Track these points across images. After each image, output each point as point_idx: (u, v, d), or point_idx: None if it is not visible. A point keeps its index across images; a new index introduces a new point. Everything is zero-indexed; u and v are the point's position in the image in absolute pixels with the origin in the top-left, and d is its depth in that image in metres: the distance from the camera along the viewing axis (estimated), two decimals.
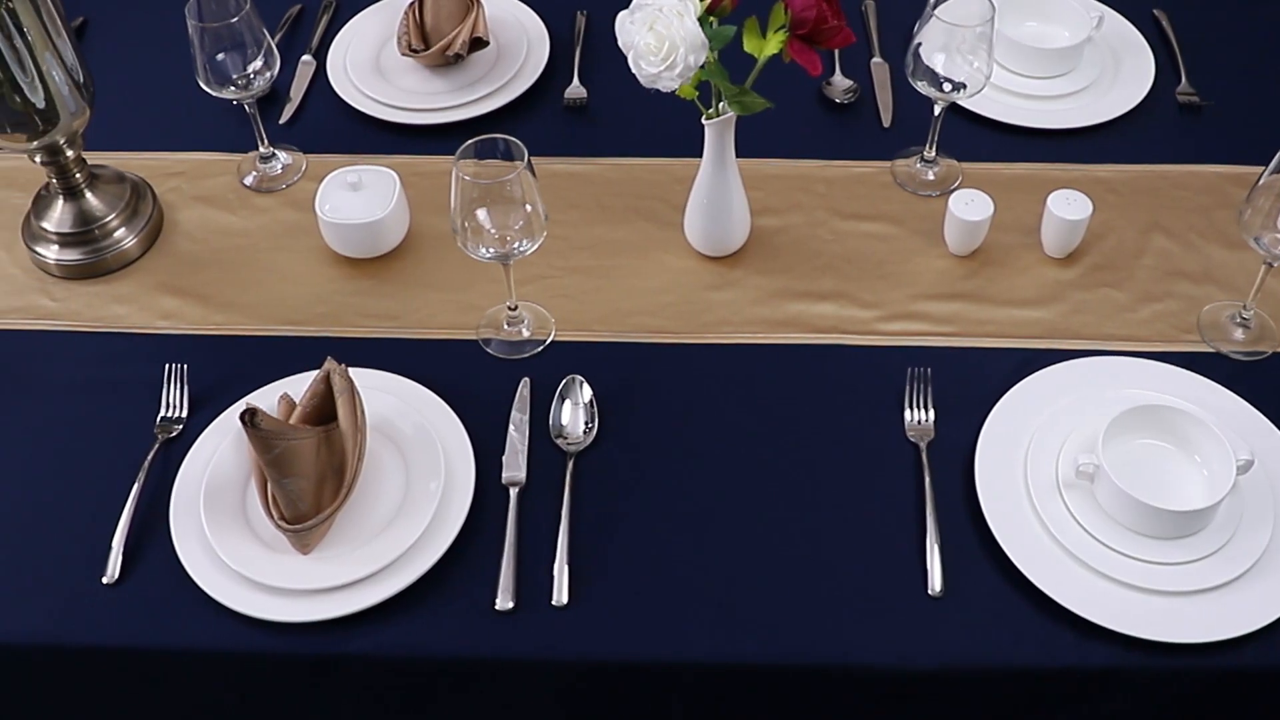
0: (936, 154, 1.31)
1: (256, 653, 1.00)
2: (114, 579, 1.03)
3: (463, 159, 1.05)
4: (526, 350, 1.18)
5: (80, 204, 1.26)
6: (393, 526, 1.04)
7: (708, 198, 1.20)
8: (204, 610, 1.02)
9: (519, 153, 1.05)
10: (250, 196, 1.33)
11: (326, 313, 1.22)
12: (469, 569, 1.03)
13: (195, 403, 1.15)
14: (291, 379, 1.14)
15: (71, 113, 1.17)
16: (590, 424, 1.11)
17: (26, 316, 1.23)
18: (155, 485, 1.09)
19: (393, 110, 1.38)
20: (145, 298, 1.24)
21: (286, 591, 1.01)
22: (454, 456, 1.08)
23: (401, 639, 1.00)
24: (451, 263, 1.25)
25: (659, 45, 0.98)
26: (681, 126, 1.36)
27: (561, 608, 1.01)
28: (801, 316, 1.19)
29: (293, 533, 1.01)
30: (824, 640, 0.99)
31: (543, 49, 1.43)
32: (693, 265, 1.24)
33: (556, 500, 1.07)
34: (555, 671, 1.00)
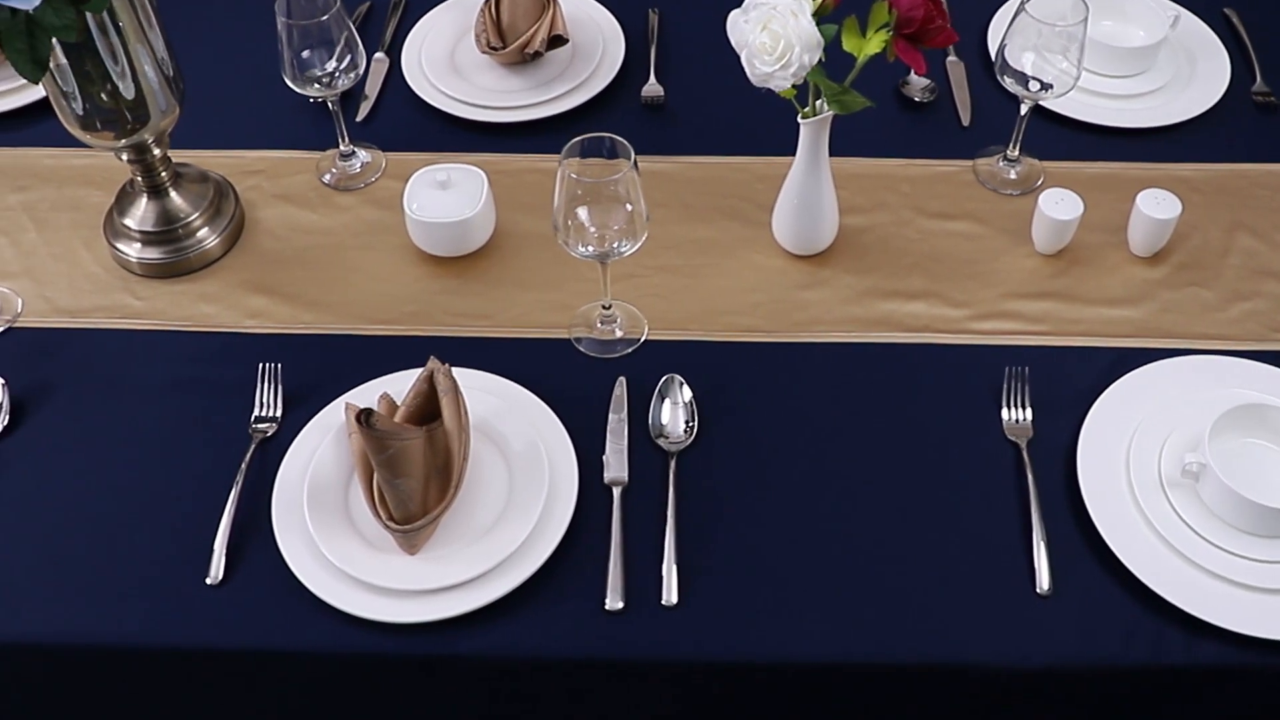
0: (1019, 153, 1.31)
1: (363, 653, 1.00)
2: (218, 580, 1.03)
3: (568, 157, 1.05)
4: (619, 349, 1.17)
5: (164, 202, 1.25)
6: (499, 527, 1.04)
7: (799, 197, 1.20)
8: (309, 611, 1.01)
9: (624, 152, 1.05)
10: (331, 195, 1.33)
11: (416, 312, 1.21)
12: (576, 569, 1.03)
13: (288, 402, 1.15)
14: (388, 378, 1.14)
15: (162, 110, 1.16)
16: (691, 423, 1.11)
17: (112, 315, 1.22)
18: (253, 485, 1.09)
19: (471, 108, 1.37)
20: (232, 296, 1.23)
21: (395, 592, 1.01)
22: (556, 456, 1.08)
23: (512, 640, 0.99)
24: (539, 261, 1.25)
25: (774, 44, 0.97)
26: (760, 124, 1.38)
27: (671, 607, 1.00)
28: (893, 315, 1.19)
29: (402, 533, 1.01)
30: (934, 639, 0.99)
31: (618, 47, 1.43)
32: (781, 264, 1.24)
33: (658, 500, 1.07)
34: (667, 671, 1.00)
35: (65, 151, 1.38)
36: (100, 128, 1.16)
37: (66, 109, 1.14)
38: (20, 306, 1.23)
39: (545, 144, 1.36)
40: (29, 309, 1.23)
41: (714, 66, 1.45)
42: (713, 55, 1.46)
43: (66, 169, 1.36)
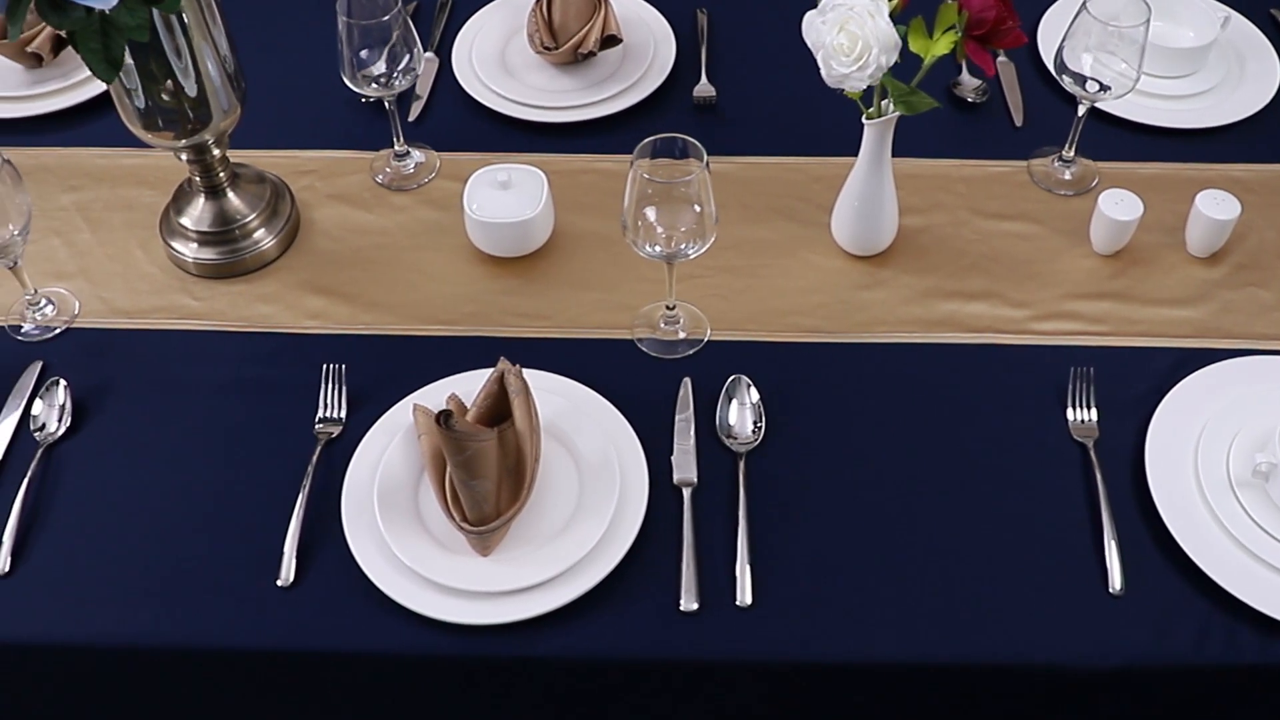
0: (1075, 154, 1.32)
1: (437, 656, 1.00)
2: (289, 582, 1.03)
3: (640, 157, 1.05)
4: (682, 350, 1.17)
5: (221, 203, 1.25)
6: (571, 528, 1.04)
7: (860, 198, 1.20)
8: (381, 613, 1.01)
9: (696, 153, 1.05)
10: (386, 195, 1.32)
11: (476, 312, 1.21)
12: (648, 570, 1.03)
13: (351, 403, 1.14)
14: (453, 379, 1.13)
15: (224, 110, 1.15)
16: (759, 424, 1.11)
17: (170, 316, 1.22)
18: (319, 486, 1.08)
19: (524, 108, 1.37)
20: (290, 297, 1.23)
21: (469, 594, 1.00)
22: (626, 457, 1.08)
23: (588, 641, 0.99)
24: (598, 261, 1.25)
25: (851, 45, 0.97)
26: (812, 125, 1.38)
27: (746, 608, 1.01)
28: (954, 316, 1.19)
29: (476, 535, 1.01)
30: (1008, 639, 0.99)
31: (669, 47, 1.43)
32: (841, 265, 1.24)
33: (727, 500, 1.07)
34: (744, 672, 1.00)
35: (116, 151, 1.37)
36: (162, 127, 1.15)
37: (129, 108, 1.14)
38: (77, 307, 1.23)
39: (598, 144, 1.37)
40: (86, 309, 1.23)
41: (764, 67, 1.47)
42: (762, 56, 1.48)
43: (118, 169, 1.36)
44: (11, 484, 1.10)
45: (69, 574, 1.04)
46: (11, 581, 1.04)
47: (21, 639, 1.01)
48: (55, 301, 1.23)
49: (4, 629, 1.01)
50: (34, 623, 1.01)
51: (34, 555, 1.05)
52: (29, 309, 1.22)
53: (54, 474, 1.11)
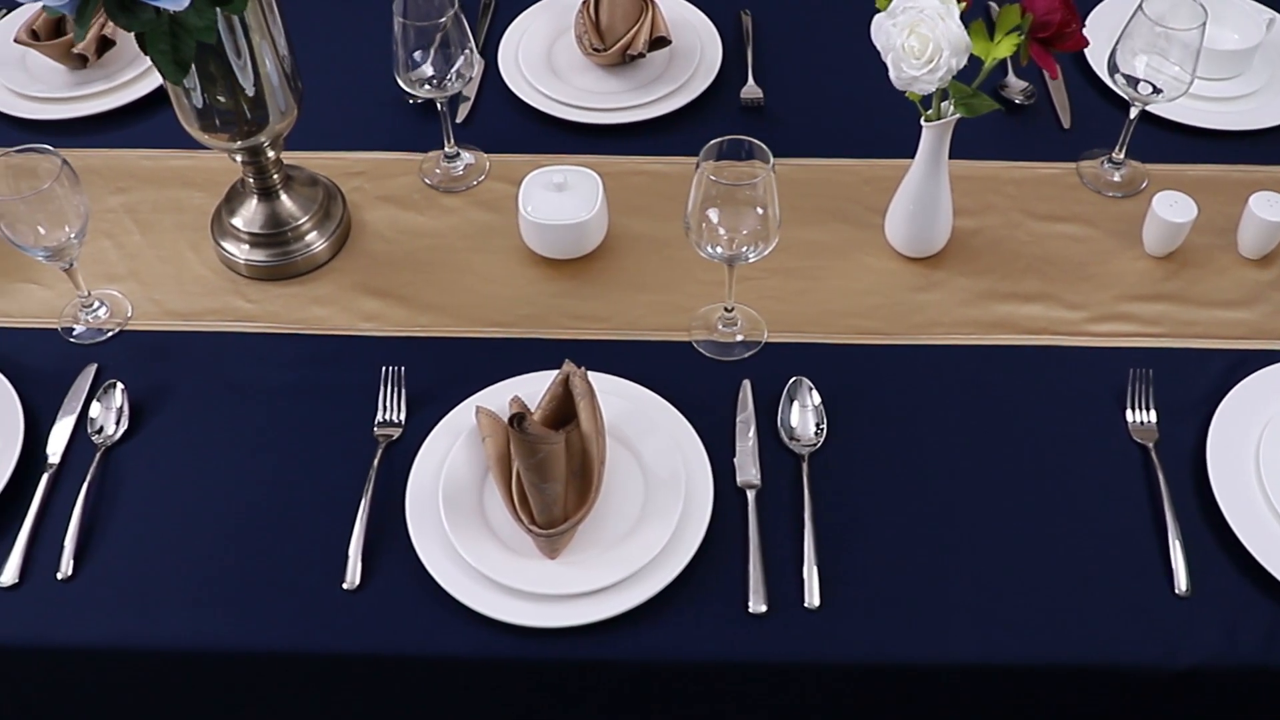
0: (1125, 156, 1.32)
1: (506, 659, 1.00)
2: (354, 585, 1.02)
3: (707, 159, 1.05)
4: (740, 352, 1.17)
5: (274, 205, 1.24)
6: (638, 531, 1.04)
7: (916, 200, 1.20)
8: (449, 616, 1.01)
9: (763, 156, 1.05)
10: (436, 196, 1.32)
11: (532, 314, 1.21)
12: (715, 573, 1.03)
13: (410, 405, 1.14)
14: (513, 381, 1.13)
15: (281, 111, 1.15)
16: (821, 426, 1.11)
17: (224, 318, 1.22)
18: (382, 489, 1.08)
19: (572, 110, 1.37)
20: (344, 299, 1.23)
21: (538, 596, 1.00)
22: (690, 459, 1.08)
23: (657, 644, 0.99)
24: (652, 263, 1.25)
25: (922, 48, 0.98)
26: (860, 127, 1.38)
27: (814, 610, 1.01)
28: (1010, 318, 1.20)
29: (545, 537, 1.00)
30: (1076, 640, 0.99)
31: (715, 48, 1.43)
32: (895, 266, 1.24)
33: (791, 502, 1.07)
34: (814, 674, 1.00)
35: (162, 152, 1.37)
36: (219, 128, 1.15)
37: (187, 108, 1.13)
38: (130, 309, 1.23)
39: (647, 146, 1.37)
40: (138, 311, 1.22)
41: (810, 68, 1.47)
42: (807, 57, 1.48)
43: (165, 170, 1.35)
44: (70, 487, 1.09)
45: (132, 578, 1.04)
46: (75, 585, 1.03)
47: (86, 643, 1.01)
48: (108, 303, 1.22)
49: (69, 633, 1.01)
50: (99, 627, 1.01)
51: (96, 559, 1.05)
52: (82, 311, 1.21)
53: (113, 477, 1.10)
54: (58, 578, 1.03)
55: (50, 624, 1.02)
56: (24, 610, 1.02)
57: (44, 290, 1.25)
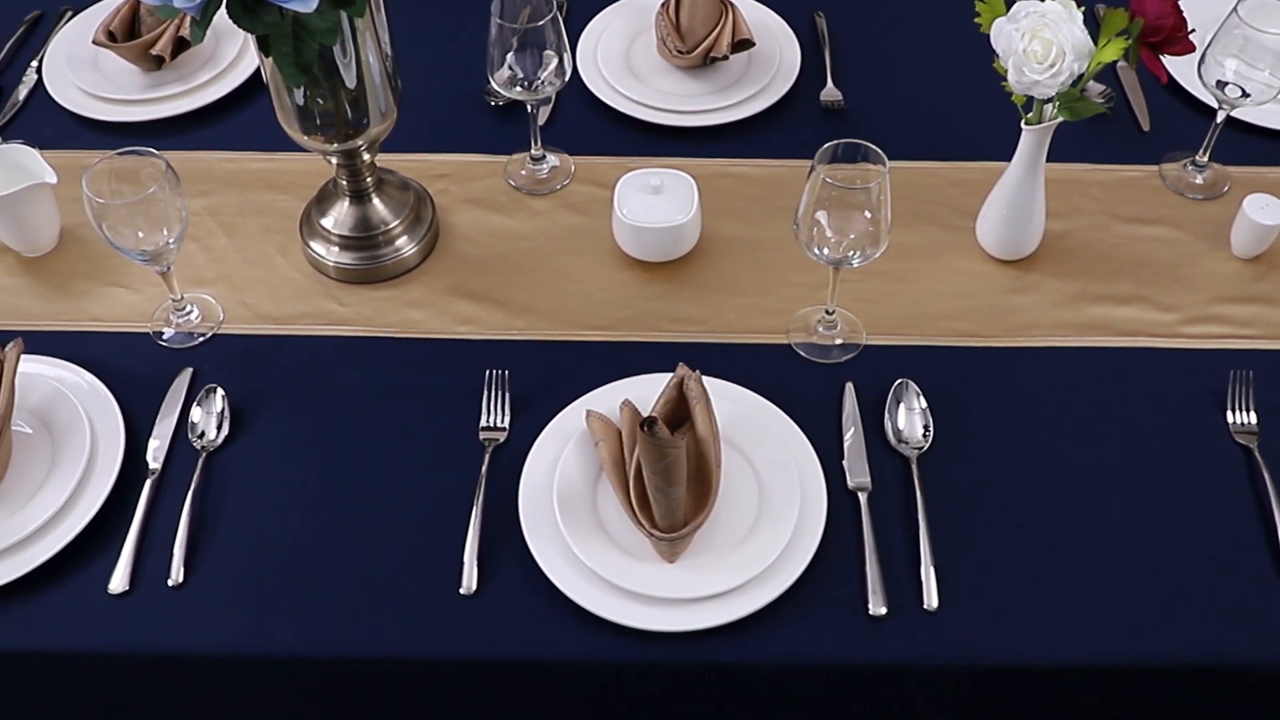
0: (1208, 159, 1.33)
1: (627, 663, 0.99)
2: (471, 590, 1.02)
3: (822, 161, 1.05)
4: (839, 354, 1.17)
5: (365, 209, 1.24)
6: (755, 534, 1.04)
7: (1010, 203, 1.21)
8: (568, 620, 1.01)
9: (878, 160, 1.05)
10: (523, 199, 1.32)
11: (629, 317, 1.21)
12: (833, 575, 1.03)
13: (513, 408, 1.13)
14: (621, 384, 1.13)
15: (381, 112, 1.14)
16: (928, 428, 1.11)
17: (318, 322, 1.21)
18: (490, 493, 1.08)
19: (655, 112, 1.37)
20: (438, 302, 1.22)
21: (660, 600, 1.00)
22: (801, 462, 1.08)
23: (779, 647, 0.99)
24: (746, 266, 1.25)
25: (1045, 52, 0.98)
26: (942, 129, 1.39)
27: (933, 611, 1.01)
28: (1105, 320, 1.20)
29: (668, 541, 1.00)
30: (1192, 639, 1.00)
31: (793, 51, 1.43)
32: (986, 269, 1.25)
33: (901, 504, 1.07)
34: (935, 675, 1.00)
35: (241, 155, 1.36)
36: (320, 130, 1.14)
37: (289, 109, 1.12)
38: (221, 313, 1.22)
39: (729, 148, 1.37)
40: (230, 315, 1.21)
41: (886, 70, 1.47)
42: (884, 59, 1.49)
43: (246, 173, 1.34)
44: (174, 492, 1.09)
45: (243, 584, 1.03)
46: (186, 592, 1.02)
47: (199, 650, 1.00)
48: (199, 307, 1.22)
49: (181, 640, 1.00)
50: (211, 634, 1.00)
51: (205, 565, 1.04)
52: (174, 314, 1.20)
53: (216, 482, 1.09)
54: (168, 584, 1.03)
55: (162, 631, 1.01)
56: (135, 618, 1.01)
57: (132, 294, 1.24)
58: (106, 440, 1.11)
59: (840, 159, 1.05)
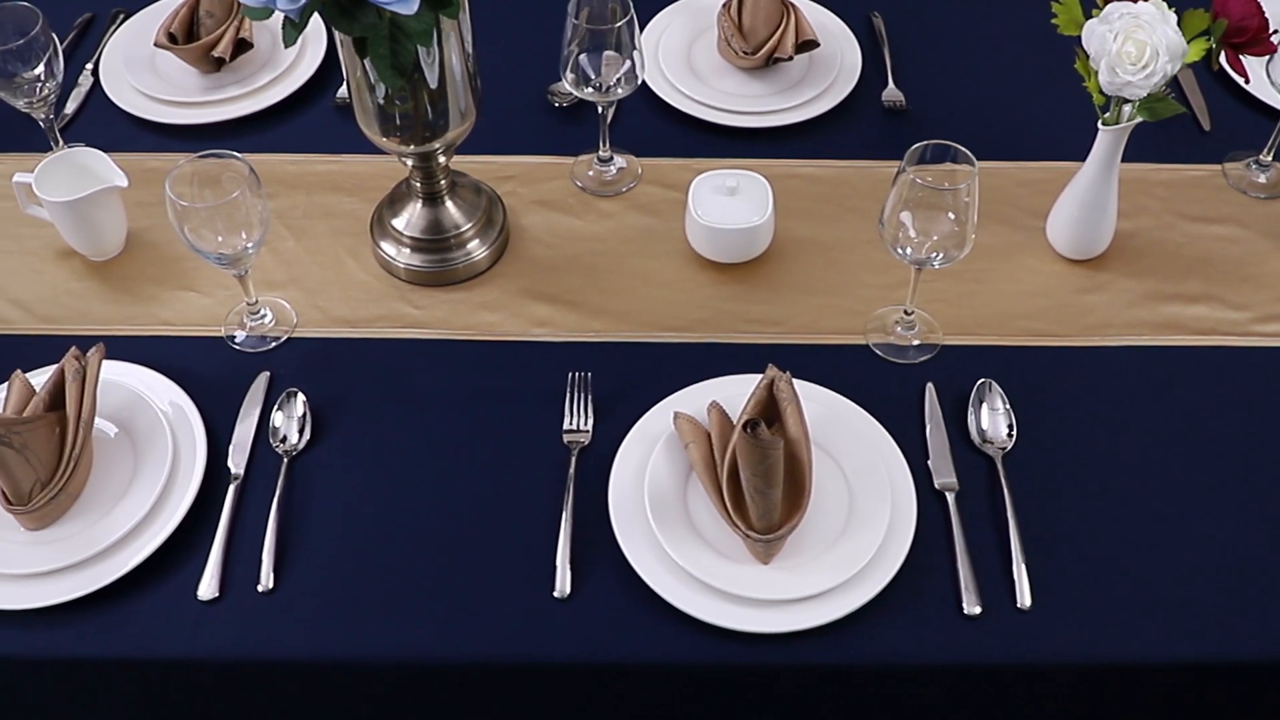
0: (1272, 158, 1.34)
1: (723, 665, 0.99)
2: (565, 593, 1.02)
3: (912, 163, 1.05)
4: (916, 355, 1.18)
5: (438, 211, 1.23)
6: (848, 535, 1.04)
7: (1084, 204, 1.21)
8: (664, 622, 1.01)
9: (966, 161, 1.05)
10: (591, 201, 1.31)
11: (705, 318, 1.21)
12: (925, 576, 1.03)
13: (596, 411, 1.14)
14: (705, 385, 1.13)
15: (461, 113, 1.13)
16: (1011, 427, 1.12)
17: (393, 325, 1.20)
18: (578, 495, 1.08)
19: (719, 113, 1.36)
20: (513, 305, 1.22)
21: (756, 601, 1.00)
22: (889, 462, 1.08)
23: (876, 647, 0.99)
24: (819, 267, 1.25)
25: (1139, 53, 0.98)
26: (1006, 129, 1.39)
27: (1026, 610, 1.01)
28: (1178, 319, 1.21)
29: (765, 542, 1.00)
30: None
31: (854, 52, 1.43)
32: (1058, 269, 1.25)
33: (988, 503, 1.07)
34: (1031, 674, 1.00)
35: (305, 157, 1.35)
36: (399, 131, 1.13)
37: (369, 110, 1.12)
38: (295, 317, 1.21)
39: (793, 149, 1.37)
40: (303, 319, 1.21)
41: (946, 70, 1.48)
42: (942, 59, 1.49)
43: (311, 175, 1.33)
44: (258, 497, 1.08)
45: (333, 589, 1.03)
46: (277, 598, 1.02)
47: (292, 656, 0.99)
48: (272, 311, 1.21)
49: (274, 646, 0.99)
50: (303, 639, 1.00)
51: (294, 571, 1.04)
52: (248, 318, 1.20)
53: (300, 486, 1.09)
54: (258, 590, 1.02)
55: (254, 637, 1.00)
56: (226, 624, 1.01)
57: (203, 298, 1.23)
58: (187, 445, 1.10)
59: (928, 160, 1.06)
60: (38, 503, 1.03)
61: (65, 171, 1.23)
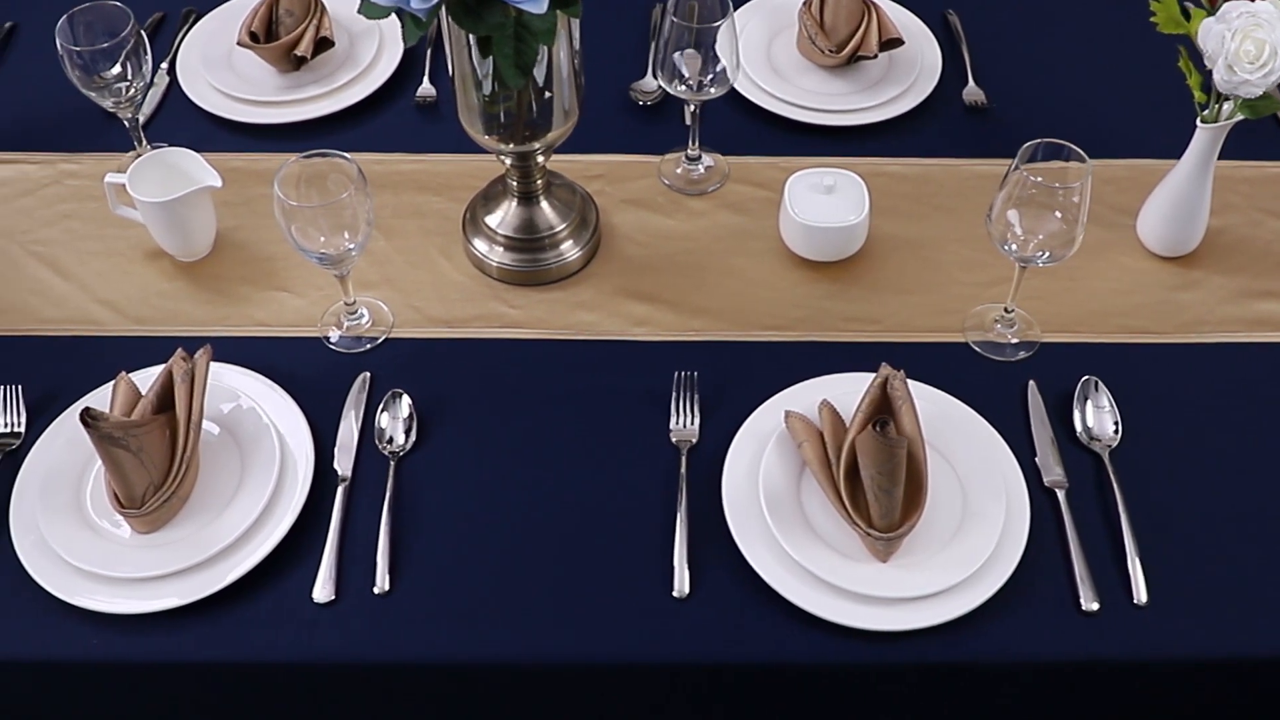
0: None
1: (845, 664, 0.99)
2: (684, 593, 1.02)
3: (1024, 161, 1.06)
4: (1015, 352, 1.18)
5: (533, 211, 1.23)
6: (964, 533, 1.04)
7: (1177, 201, 1.22)
8: (785, 621, 1.01)
9: (1078, 159, 1.06)
10: (681, 199, 1.31)
11: (803, 317, 1.21)
12: (1037, 573, 1.03)
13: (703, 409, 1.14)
14: (813, 383, 1.13)
15: (565, 111, 1.13)
16: (1117, 425, 1.12)
17: (491, 325, 1.20)
18: (690, 495, 1.08)
19: (804, 111, 1.36)
20: (609, 304, 1.21)
21: (878, 600, 1.00)
22: (999, 460, 1.08)
23: (996, 644, 0.99)
24: (912, 265, 1.26)
25: (1258, 52, 0.99)
26: (1088, 126, 1.39)
27: (1143, 606, 1.01)
28: (1272, 315, 1.21)
29: (885, 541, 1.01)
30: None
31: (934, 50, 1.43)
32: (1149, 266, 1.26)
33: (1097, 500, 1.08)
34: (1151, 669, 1.01)
35: (389, 157, 1.35)
36: (501, 129, 1.13)
37: (473, 108, 1.11)
38: (392, 317, 1.20)
39: (877, 148, 1.37)
40: (400, 319, 1.20)
41: (1025, 68, 1.48)
42: (1020, 57, 1.49)
43: (397, 174, 1.33)
44: (367, 498, 1.07)
45: (451, 591, 1.02)
46: (393, 600, 1.01)
47: (412, 658, 0.99)
48: (369, 311, 1.20)
49: (394, 648, 0.99)
50: (422, 641, 0.99)
51: (410, 573, 1.03)
52: (345, 318, 1.19)
53: (409, 487, 1.09)
54: (374, 593, 1.02)
55: (373, 639, 1.00)
56: (344, 626, 1.00)
57: (296, 298, 1.22)
58: (294, 447, 1.10)
59: (1038, 159, 1.06)
60: (151, 506, 1.03)
61: (154, 172, 1.22)
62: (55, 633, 1.00)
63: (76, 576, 1.02)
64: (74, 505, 1.06)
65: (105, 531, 1.05)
